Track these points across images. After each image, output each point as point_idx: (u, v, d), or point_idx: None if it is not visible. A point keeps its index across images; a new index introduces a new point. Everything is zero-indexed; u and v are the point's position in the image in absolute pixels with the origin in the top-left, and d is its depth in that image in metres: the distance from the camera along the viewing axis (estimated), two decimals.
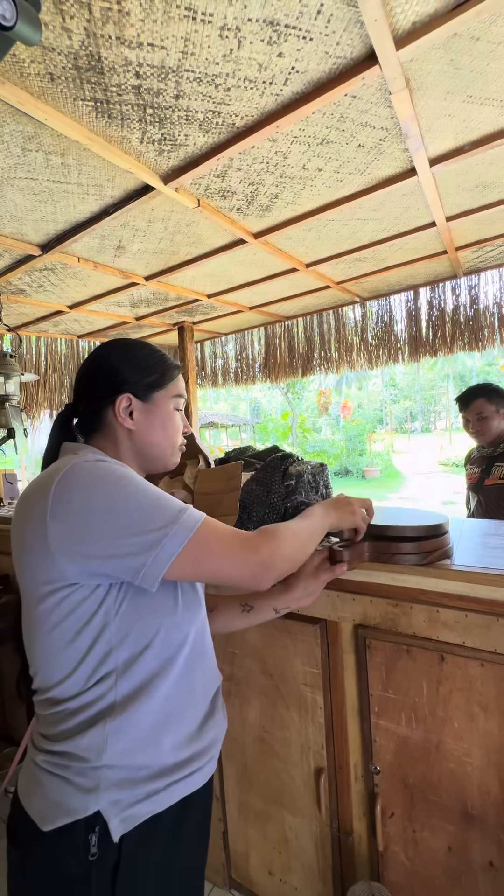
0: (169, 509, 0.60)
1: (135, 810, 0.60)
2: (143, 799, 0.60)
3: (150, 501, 0.60)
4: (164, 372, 0.78)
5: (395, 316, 3.22)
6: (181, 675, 0.67)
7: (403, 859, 0.98)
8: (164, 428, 0.77)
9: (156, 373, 0.77)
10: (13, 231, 1.57)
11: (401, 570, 0.90)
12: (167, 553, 0.57)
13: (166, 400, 0.78)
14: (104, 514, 0.58)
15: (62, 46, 0.82)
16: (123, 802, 0.59)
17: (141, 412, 0.75)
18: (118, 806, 0.59)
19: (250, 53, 0.87)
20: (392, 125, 1.14)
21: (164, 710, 0.64)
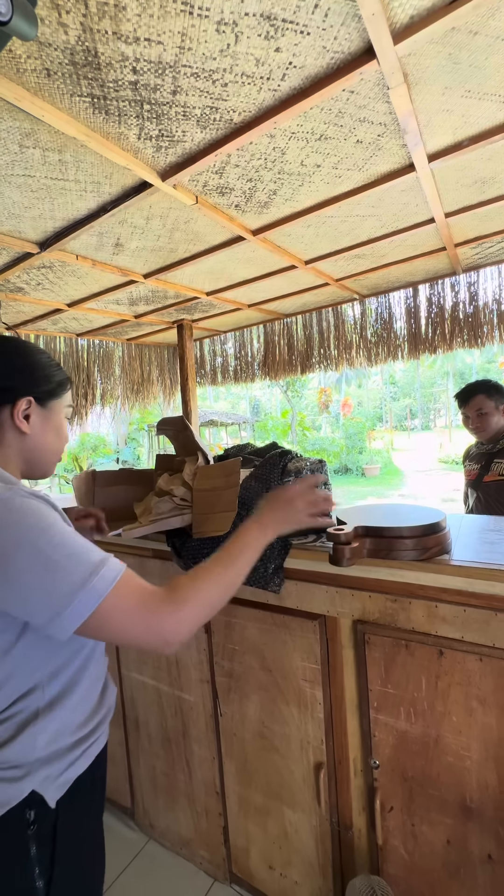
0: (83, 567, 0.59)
1: (63, 778, 0.69)
2: (68, 767, 0.70)
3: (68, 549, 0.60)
4: (61, 381, 0.82)
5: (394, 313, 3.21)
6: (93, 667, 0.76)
7: (403, 853, 0.98)
8: (57, 435, 0.80)
9: (55, 381, 0.80)
10: (11, 229, 1.56)
11: (399, 565, 0.91)
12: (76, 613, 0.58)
13: (60, 409, 0.82)
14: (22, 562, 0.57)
15: (58, 42, 0.82)
16: (54, 775, 0.68)
17: (38, 417, 0.77)
18: (50, 779, 0.67)
19: (247, 48, 0.87)
20: (390, 121, 1.14)
21: (79, 698, 0.73)
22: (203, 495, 1.06)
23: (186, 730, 1.34)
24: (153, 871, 1.40)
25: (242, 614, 1.15)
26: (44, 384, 0.77)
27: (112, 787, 1.61)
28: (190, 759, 1.35)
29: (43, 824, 0.66)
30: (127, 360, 3.95)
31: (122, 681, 1.50)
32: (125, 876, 1.39)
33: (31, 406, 0.75)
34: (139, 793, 1.51)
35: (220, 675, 1.23)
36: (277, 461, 1.11)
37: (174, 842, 1.44)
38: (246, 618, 1.15)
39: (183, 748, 1.36)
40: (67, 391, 0.83)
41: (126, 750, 1.53)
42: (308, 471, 1.10)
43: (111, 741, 1.56)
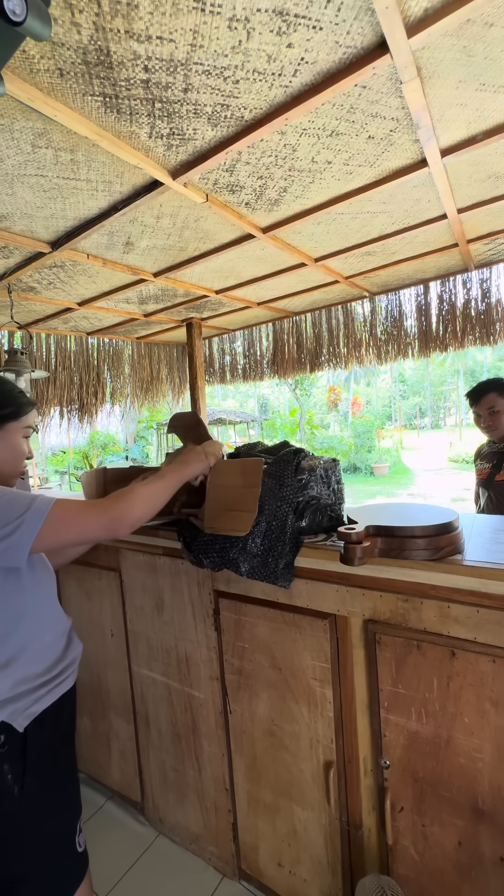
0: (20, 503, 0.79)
1: (31, 710, 0.86)
2: (34, 703, 0.87)
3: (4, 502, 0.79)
4: (19, 407, 0.96)
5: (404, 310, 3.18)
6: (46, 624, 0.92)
7: (413, 853, 0.98)
8: (12, 454, 0.95)
9: (12, 407, 0.95)
10: (23, 228, 1.58)
11: (411, 565, 0.90)
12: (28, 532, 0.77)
13: (17, 431, 0.96)
14: None
15: (71, 41, 0.82)
16: (19, 709, 0.84)
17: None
18: (17, 712, 0.84)
19: (259, 45, 0.86)
20: (403, 115, 1.12)
21: (37, 650, 0.89)
22: (219, 490, 1.05)
23: (196, 726, 1.35)
24: (163, 866, 1.41)
25: (252, 612, 1.15)
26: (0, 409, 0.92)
27: (122, 782, 1.62)
28: (199, 756, 1.35)
29: (13, 745, 0.83)
30: (136, 359, 3.97)
31: (132, 677, 1.51)
32: (135, 870, 1.40)
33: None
34: (149, 787, 1.53)
35: (229, 672, 1.23)
36: (291, 458, 1.11)
37: (184, 837, 1.45)
38: (256, 616, 1.15)
39: (192, 744, 1.37)
40: (25, 416, 0.97)
41: (136, 745, 1.54)
42: (322, 469, 1.10)
43: (121, 736, 1.58)
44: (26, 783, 0.83)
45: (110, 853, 1.46)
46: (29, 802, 0.84)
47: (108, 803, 1.66)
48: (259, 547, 1.06)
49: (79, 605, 1.65)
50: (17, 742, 0.84)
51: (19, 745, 0.84)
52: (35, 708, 0.87)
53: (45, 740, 0.88)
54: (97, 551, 1.54)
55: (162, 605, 1.37)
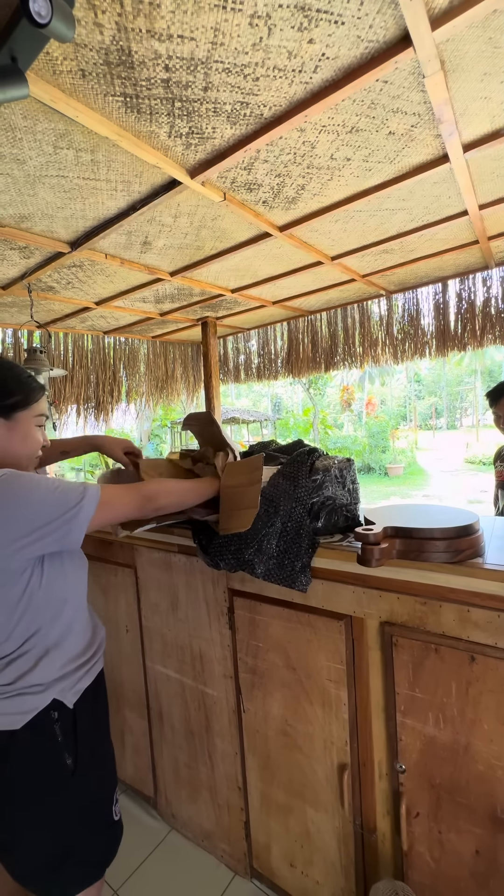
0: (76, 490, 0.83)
1: (76, 688, 0.92)
2: (78, 681, 0.93)
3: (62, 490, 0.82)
4: (28, 394, 0.93)
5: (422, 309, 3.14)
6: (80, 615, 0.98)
7: (428, 860, 0.96)
8: (23, 443, 0.93)
9: (20, 395, 0.91)
10: (44, 229, 1.60)
11: (429, 567, 0.88)
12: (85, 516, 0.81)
13: (28, 419, 0.93)
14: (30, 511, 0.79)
15: (94, 42, 0.83)
16: (68, 687, 0.91)
17: (3, 428, 0.89)
18: (66, 690, 0.90)
19: (280, 41, 0.86)
20: (424, 110, 1.11)
21: (78, 631, 0.96)
22: (229, 492, 1.06)
23: (209, 724, 1.35)
24: (175, 862, 1.42)
25: (266, 612, 1.15)
26: (6, 398, 0.89)
27: (136, 776, 1.64)
28: (212, 753, 1.36)
29: (65, 720, 0.89)
30: (152, 358, 4.00)
31: (146, 673, 1.52)
32: (148, 864, 1.41)
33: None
34: (162, 783, 1.54)
35: (243, 671, 1.23)
36: (305, 459, 1.11)
37: (196, 833, 1.46)
38: (270, 615, 1.15)
39: (205, 741, 1.37)
40: (35, 403, 0.94)
41: (150, 740, 1.55)
42: (336, 469, 1.09)
43: (135, 731, 1.60)
44: (79, 754, 0.90)
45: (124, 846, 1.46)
46: (80, 773, 0.90)
47: (122, 797, 1.68)
48: (275, 548, 1.05)
49: (94, 601, 1.68)
50: (69, 717, 0.90)
51: (71, 720, 0.90)
52: (80, 685, 0.94)
53: (89, 715, 0.95)
54: (113, 548, 1.56)
55: (177, 602, 1.38)
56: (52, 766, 0.87)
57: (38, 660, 0.87)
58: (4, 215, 1.48)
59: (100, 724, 1.01)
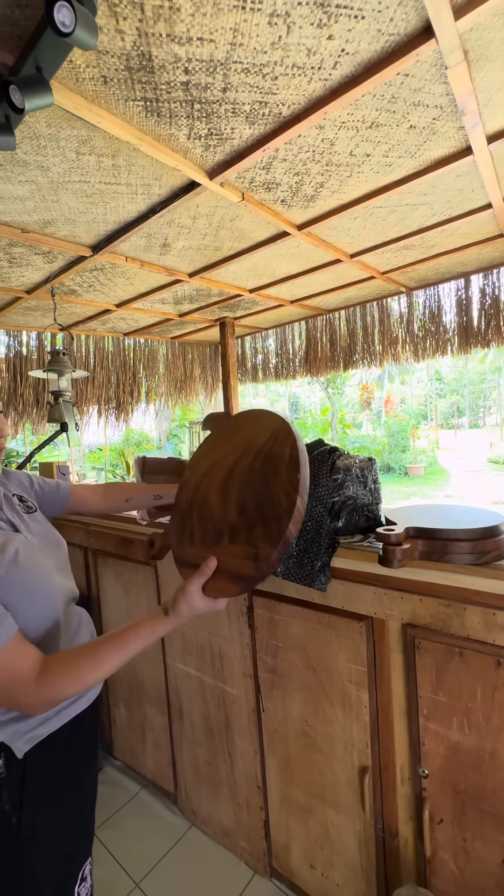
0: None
1: (34, 733, 0.74)
2: (40, 724, 0.75)
3: None
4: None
5: (443, 305, 3.07)
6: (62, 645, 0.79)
7: (452, 867, 0.95)
8: None
9: None
10: (67, 234, 1.64)
11: (454, 569, 0.87)
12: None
13: None
14: None
15: (115, 49, 0.84)
16: (22, 730, 0.73)
17: None
18: (18, 733, 0.73)
19: (299, 39, 0.85)
20: (447, 102, 1.08)
21: None
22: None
23: (229, 722, 1.36)
24: (195, 857, 1.43)
25: (286, 611, 1.15)
26: None
27: (156, 772, 1.66)
28: (232, 751, 1.36)
29: (11, 770, 0.73)
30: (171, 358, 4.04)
31: (166, 670, 1.54)
32: (168, 858, 1.43)
33: None
34: (182, 779, 1.55)
35: (263, 670, 1.23)
36: (326, 458, 1.10)
37: (216, 830, 1.47)
38: (290, 615, 1.14)
39: (225, 739, 1.38)
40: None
41: (170, 737, 1.57)
42: (357, 468, 1.08)
43: (156, 727, 1.62)
44: (24, 817, 0.73)
45: (145, 840, 1.50)
46: (25, 838, 0.73)
47: (143, 791, 1.70)
48: (294, 548, 1.05)
49: (116, 598, 1.71)
50: (17, 768, 0.73)
51: (19, 772, 0.74)
52: (40, 731, 0.76)
53: (51, 769, 0.77)
54: (134, 546, 1.58)
55: None
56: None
57: None
58: (29, 221, 1.52)
59: (67, 783, 0.80)
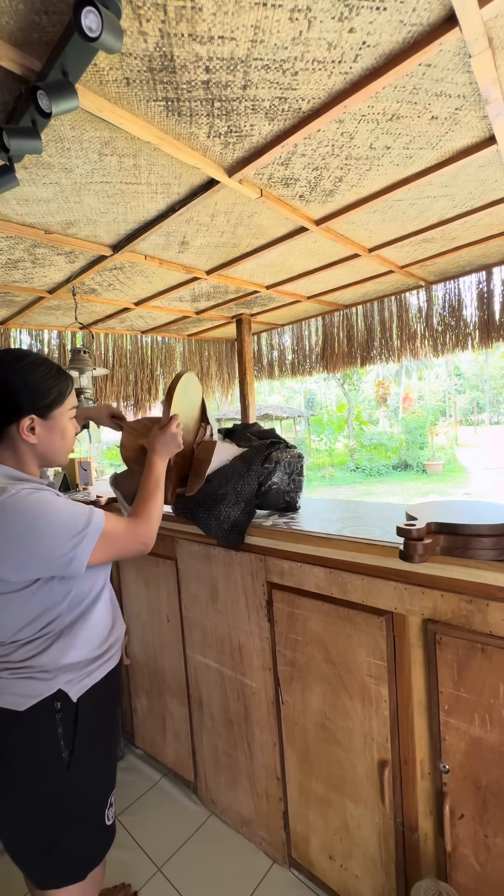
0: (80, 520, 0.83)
1: (82, 683, 0.91)
2: (86, 676, 0.92)
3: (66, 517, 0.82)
4: (62, 390, 0.92)
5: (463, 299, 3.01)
6: (98, 606, 0.96)
7: (474, 863, 0.94)
8: (62, 438, 0.94)
9: (54, 393, 0.90)
10: (88, 234, 1.67)
11: (476, 564, 0.86)
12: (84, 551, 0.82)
13: (63, 414, 0.93)
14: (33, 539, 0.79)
15: (138, 50, 0.86)
16: (74, 680, 0.90)
17: (42, 428, 0.89)
18: (71, 683, 0.90)
19: (320, 33, 0.85)
20: (470, 92, 1.06)
21: (91, 627, 0.94)
22: (197, 463, 1.33)
23: (248, 714, 1.38)
24: (215, 846, 1.46)
25: (306, 605, 1.16)
26: (41, 400, 0.88)
27: (176, 761, 1.69)
28: (251, 743, 1.38)
29: (67, 712, 0.89)
30: (187, 356, 4.08)
31: (186, 661, 1.57)
32: (189, 845, 1.46)
33: (35, 420, 0.88)
34: (202, 769, 1.58)
35: (282, 663, 1.25)
36: (264, 449, 1.34)
37: (235, 820, 1.49)
38: (309, 609, 1.15)
39: (244, 731, 1.40)
40: (68, 396, 0.93)
41: (190, 727, 1.60)
42: (286, 462, 1.32)
43: (176, 717, 1.65)
44: (76, 749, 0.89)
45: (166, 827, 1.54)
46: (75, 767, 0.89)
47: (164, 780, 1.74)
48: (222, 512, 1.27)
49: (137, 591, 1.74)
50: (71, 711, 0.89)
51: (72, 714, 0.89)
52: (87, 681, 0.92)
53: (93, 714, 0.93)
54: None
55: (216, 593, 1.41)
56: (48, 756, 0.87)
57: (49, 644, 0.87)
58: (52, 222, 1.56)
59: (103, 725, 0.97)
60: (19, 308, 2.59)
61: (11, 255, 1.82)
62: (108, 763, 1.01)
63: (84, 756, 0.90)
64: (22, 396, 0.86)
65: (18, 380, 0.86)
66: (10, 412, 0.86)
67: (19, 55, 0.83)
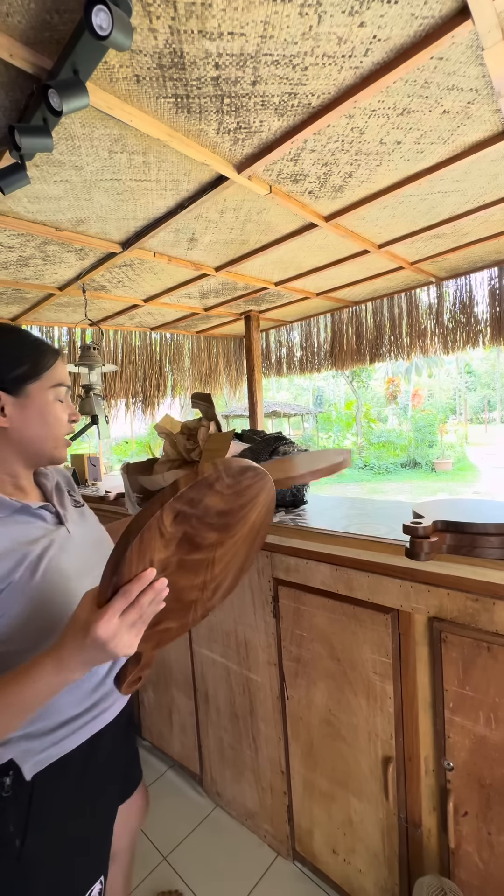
0: None
1: (45, 755, 0.67)
2: (52, 745, 0.68)
3: None
4: (37, 361, 0.72)
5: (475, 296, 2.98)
6: None
7: (477, 860, 0.95)
8: (42, 422, 0.72)
9: (27, 363, 0.71)
10: (98, 231, 1.68)
11: (483, 563, 0.86)
12: None
13: (42, 391, 0.72)
14: None
15: (148, 48, 0.86)
16: (34, 751, 0.66)
17: (13, 407, 0.70)
18: (29, 753, 0.66)
19: (330, 28, 0.85)
20: (483, 85, 1.05)
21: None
22: (208, 453, 1.35)
23: (253, 708, 1.39)
24: (220, 837, 1.48)
25: (311, 602, 1.16)
26: (9, 371, 0.69)
27: (182, 753, 1.72)
28: (256, 737, 1.40)
29: (19, 792, 0.65)
30: (196, 353, 4.09)
31: (192, 655, 1.59)
32: (194, 836, 1.49)
33: (2, 398, 0.69)
34: (207, 762, 1.60)
35: (287, 659, 1.25)
36: (271, 443, 1.37)
37: (239, 812, 1.51)
38: (315, 605, 1.16)
39: (250, 725, 1.41)
40: (48, 370, 0.73)
41: (196, 720, 1.62)
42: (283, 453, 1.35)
43: (182, 710, 1.67)
44: (28, 840, 0.65)
45: (172, 817, 1.56)
46: (28, 860, 0.66)
47: (170, 771, 1.77)
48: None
49: None
50: (24, 790, 0.66)
51: (26, 794, 0.66)
52: (52, 752, 0.68)
53: (61, 794, 0.69)
54: None
55: None
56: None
57: None
58: (63, 220, 1.57)
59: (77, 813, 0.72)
60: (30, 305, 2.61)
61: (23, 253, 1.84)
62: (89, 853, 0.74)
63: (45, 847, 0.67)
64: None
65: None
66: None
67: (31, 54, 0.84)
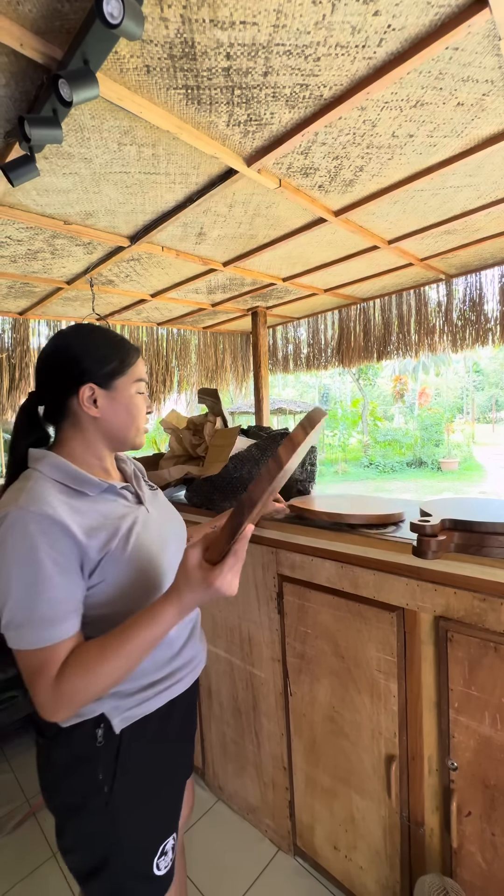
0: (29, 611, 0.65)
1: (130, 713, 0.77)
2: (136, 705, 0.78)
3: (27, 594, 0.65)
4: (123, 358, 0.83)
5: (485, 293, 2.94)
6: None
7: (480, 861, 0.94)
8: (127, 412, 0.83)
9: (115, 360, 0.81)
10: (106, 225, 1.68)
11: (492, 563, 0.85)
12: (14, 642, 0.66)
13: (127, 385, 0.83)
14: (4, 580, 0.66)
15: (159, 37, 0.85)
16: (121, 707, 0.76)
17: (104, 399, 0.80)
18: (117, 710, 0.76)
19: (344, 17, 0.83)
20: (499, 76, 1.03)
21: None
22: (214, 448, 1.40)
23: (256, 704, 1.39)
24: (221, 831, 1.49)
25: (316, 599, 1.16)
26: (101, 367, 0.80)
27: None
28: (259, 732, 1.40)
29: (108, 743, 0.76)
30: (202, 348, 4.08)
31: None
32: (195, 829, 1.49)
33: (95, 391, 0.79)
34: (210, 756, 1.61)
35: (291, 655, 1.25)
36: (278, 438, 1.40)
37: (241, 807, 1.51)
38: (319, 602, 1.15)
39: (252, 720, 1.41)
40: (132, 366, 0.84)
41: (199, 714, 1.63)
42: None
43: None
44: (116, 787, 0.76)
45: None
46: (117, 805, 0.76)
47: None
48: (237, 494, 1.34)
49: None
50: (112, 744, 0.76)
51: (114, 746, 0.76)
52: (136, 711, 0.77)
53: (142, 749, 0.79)
54: None
55: None
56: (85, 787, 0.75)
57: None
58: (71, 213, 1.57)
59: (157, 764, 0.81)
60: (38, 299, 2.62)
61: (31, 246, 1.84)
62: (165, 806, 0.84)
63: (128, 796, 0.77)
64: (80, 363, 0.80)
65: (76, 346, 0.81)
66: (69, 381, 0.80)
67: (41, 43, 0.83)
